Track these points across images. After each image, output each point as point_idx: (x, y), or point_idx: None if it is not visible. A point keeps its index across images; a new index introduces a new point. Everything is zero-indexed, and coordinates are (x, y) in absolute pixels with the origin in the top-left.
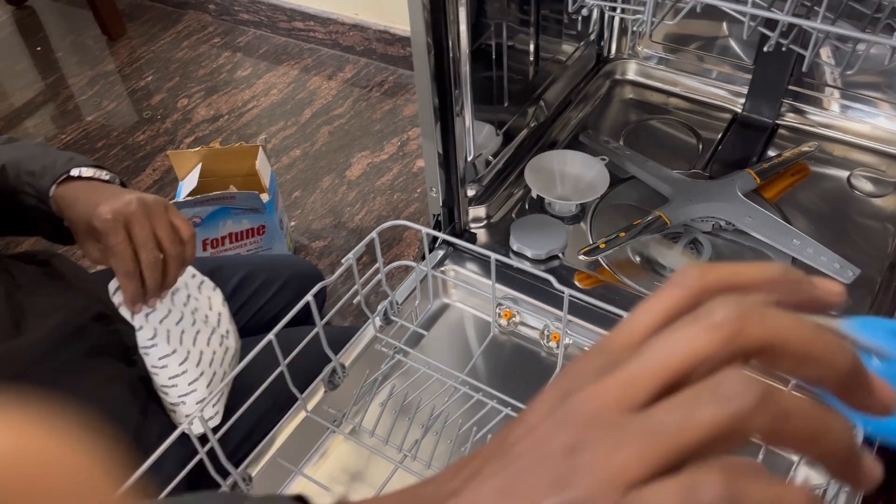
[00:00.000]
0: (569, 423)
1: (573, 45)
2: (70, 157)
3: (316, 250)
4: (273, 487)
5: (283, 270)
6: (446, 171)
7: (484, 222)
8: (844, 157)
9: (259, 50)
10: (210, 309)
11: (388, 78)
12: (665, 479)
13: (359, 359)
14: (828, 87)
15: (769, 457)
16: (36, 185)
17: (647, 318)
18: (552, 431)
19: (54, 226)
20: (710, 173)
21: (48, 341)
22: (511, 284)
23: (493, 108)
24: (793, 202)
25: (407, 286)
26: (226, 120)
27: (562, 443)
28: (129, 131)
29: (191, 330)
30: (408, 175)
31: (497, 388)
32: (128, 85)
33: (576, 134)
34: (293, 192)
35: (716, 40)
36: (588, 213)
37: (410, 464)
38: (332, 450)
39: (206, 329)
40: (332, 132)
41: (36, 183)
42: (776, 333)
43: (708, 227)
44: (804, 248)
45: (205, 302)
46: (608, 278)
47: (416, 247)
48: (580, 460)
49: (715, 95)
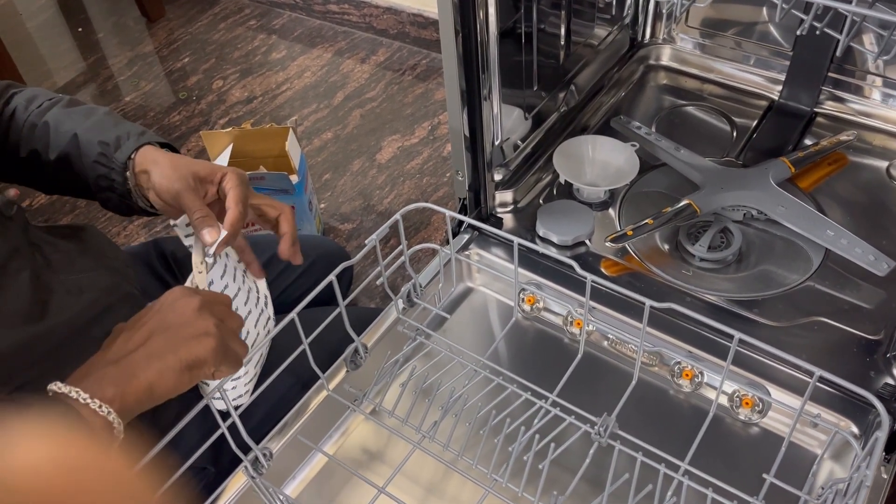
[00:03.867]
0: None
1: (606, 29)
2: (142, 130)
3: (345, 232)
4: (293, 464)
5: (311, 251)
6: (473, 155)
7: (511, 207)
8: (884, 146)
9: (294, 32)
10: (258, 293)
11: (420, 61)
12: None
13: (381, 340)
14: (869, 74)
15: (793, 449)
16: (110, 154)
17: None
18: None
19: (120, 197)
20: (744, 161)
21: (74, 323)
22: (535, 270)
23: (523, 92)
24: (829, 192)
25: (431, 269)
26: (259, 102)
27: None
28: (166, 112)
29: (244, 309)
30: (437, 159)
31: (518, 372)
32: (165, 66)
33: (607, 119)
34: (324, 174)
35: (754, 25)
36: (617, 199)
37: (429, 445)
38: (352, 429)
39: (255, 311)
40: (364, 115)
41: (110, 153)
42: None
43: (739, 216)
44: (838, 238)
45: (253, 286)
46: (635, 266)
47: (443, 230)
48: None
49: (751, 82)
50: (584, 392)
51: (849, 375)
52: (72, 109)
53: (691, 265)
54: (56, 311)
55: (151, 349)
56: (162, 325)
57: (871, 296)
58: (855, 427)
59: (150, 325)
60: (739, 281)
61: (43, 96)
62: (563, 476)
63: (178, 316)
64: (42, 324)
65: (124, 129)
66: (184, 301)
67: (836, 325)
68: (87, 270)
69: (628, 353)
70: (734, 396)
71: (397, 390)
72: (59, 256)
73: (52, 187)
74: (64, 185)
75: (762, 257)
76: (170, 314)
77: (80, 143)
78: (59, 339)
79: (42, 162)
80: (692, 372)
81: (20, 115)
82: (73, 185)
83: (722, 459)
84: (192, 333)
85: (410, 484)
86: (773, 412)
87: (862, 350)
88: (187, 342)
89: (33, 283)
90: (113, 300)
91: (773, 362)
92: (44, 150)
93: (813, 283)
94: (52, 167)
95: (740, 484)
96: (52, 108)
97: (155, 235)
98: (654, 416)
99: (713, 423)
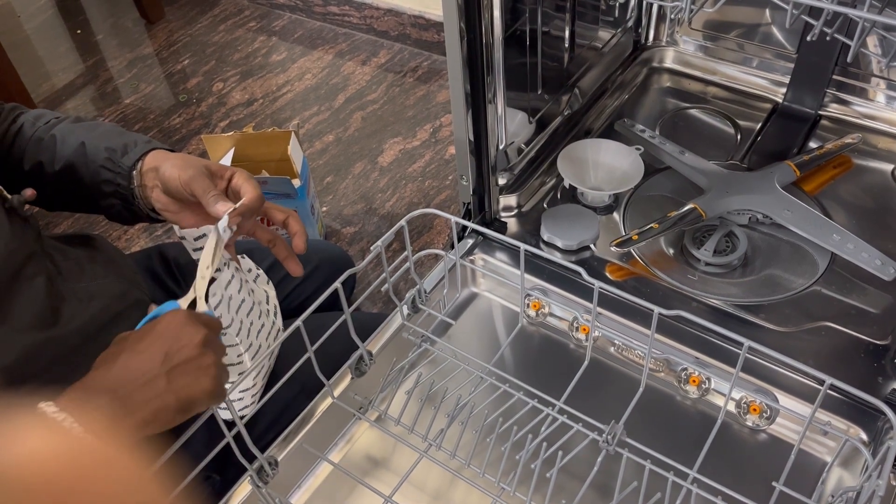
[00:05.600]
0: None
1: (610, 32)
2: (149, 139)
3: (347, 236)
4: (299, 472)
5: (314, 255)
6: (477, 159)
7: (515, 211)
8: (889, 149)
9: (294, 34)
10: (268, 303)
11: (422, 63)
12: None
13: (386, 346)
14: (874, 77)
15: (801, 456)
16: (116, 160)
17: None
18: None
19: (124, 202)
20: (749, 165)
21: (86, 330)
22: (541, 275)
23: (527, 96)
24: (834, 196)
25: (435, 275)
26: (260, 104)
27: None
28: (166, 114)
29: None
30: (440, 162)
31: (524, 379)
32: (165, 68)
33: (611, 122)
34: (325, 177)
35: (758, 28)
36: (621, 203)
37: (435, 453)
38: (357, 436)
39: (267, 323)
40: (365, 118)
41: (117, 158)
42: None
43: (744, 221)
44: (844, 243)
45: (262, 295)
46: (640, 270)
47: (447, 234)
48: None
49: (755, 85)
50: (591, 399)
51: (856, 381)
52: (78, 124)
53: (697, 269)
54: (68, 318)
55: (152, 387)
56: (166, 355)
57: (878, 300)
58: (864, 434)
59: (153, 350)
60: (745, 285)
61: (50, 115)
62: (570, 484)
63: (182, 348)
64: (54, 330)
65: (132, 137)
66: (189, 331)
67: (843, 329)
68: (98, 278)
69: (635, 359)
70: (741, 403)
71: (403, 397)
72: (69, 265)
73: (54, 201)
74: (67, 197)
75: (768, 262)
76: (174, 344)
77: (86, 150)
78: (71, 346)
79: (46, 174)
80: (699, 378)
81: (27, 130)
82: (76, 196)
83: (730, 467)
84: (192, 370)
85: (417, 492)
86: (781, 418)
87: (869, 355)
88: (188, 382)
89: (48, 289)
90: (123, 307)
91: (781, 368)
92: (49, 162)
93: (819, 288)
94: (55, 178)
95: (749, 492)
96: (59, 124)
97: (156, 240)
98: (662, 423)
99: (721, 430)
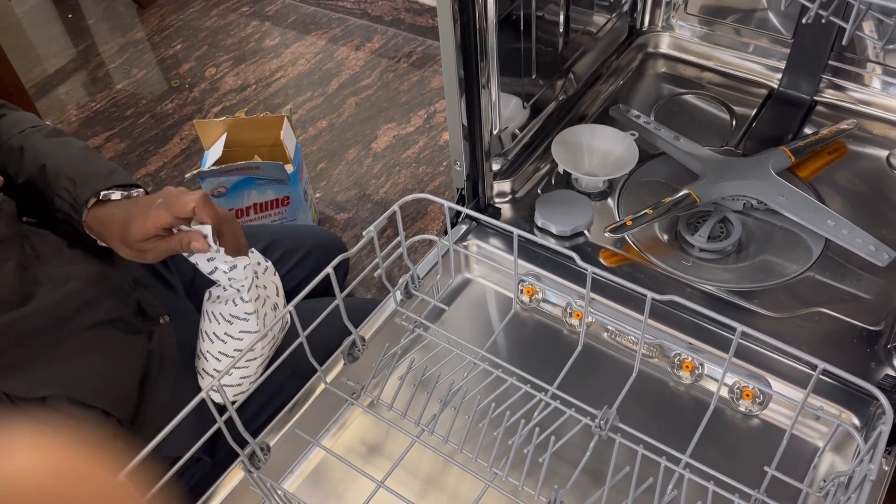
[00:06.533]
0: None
1: (605, 17)
2: (112, 169)
3: (340, 222)
4: (291, 457)
5: (306, 240)
6: (471, 145)
7: (509, 197)
8: (884, 135)
9: (287, 19)
10: (277, 295)
11: (416, 49)
12: None
13: (379, 332)
14: (869, 62)
15: (793, 441)
16: (73, 192)
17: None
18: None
19: (75, 231)
20: (743, 151)
21: (54, 310)
22: (534, 261)
23: (521, 81)
24: (829, 181)
25: (429, 260)
26: (253, 90)
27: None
28: (158, 100)
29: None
30: (434, 148)
31: (517, 364)
32: (157, 53)
33: (605, 108)
34: (319, 163)
35: (753, 13)
36: (616, 189)
37: (428, 438)
38: (350, 422)
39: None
40: (359, 103)
41: (74, 190)
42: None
43: (739, 206)
44: (839, 229)
45: (272, 288)
46: (634, 256)
47: (440, 220)
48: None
49: (751, 70)
50: (584, 384)
51: (849, 366)
52: (50, 140)
53: (691, 255)
54: (38, 300)
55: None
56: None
57: (872, 286)
58: (856, 419)
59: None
60: (739, 271)
61: (28, 122)
62: (563, 469)
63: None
64: (21, 310)
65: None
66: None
67: (837, 315)
68: (77, 262)
69: (628, 344)
70: (734, 388)
71: (396, 383)
72: (48, 248)
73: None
74: (28, 208)
75: (762, 247)
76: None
77: (47, 174)
78: (40, 324)
79: (11, 183)
80: (692, 364)
81: (3, 134)
82: (35, 211)
83: (722, 452)
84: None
85: (409, 477)
86: (774, 404)
87: (862, 341)
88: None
89: (18, 273)
90: (98, 292)
91: (774, 353)
92: (14, 174)
93: (813, 274)
94: (19, 189)
95: (741, 477)
96: (32, 135)
97: None
98: (655, 409)
99: (713, 416)
